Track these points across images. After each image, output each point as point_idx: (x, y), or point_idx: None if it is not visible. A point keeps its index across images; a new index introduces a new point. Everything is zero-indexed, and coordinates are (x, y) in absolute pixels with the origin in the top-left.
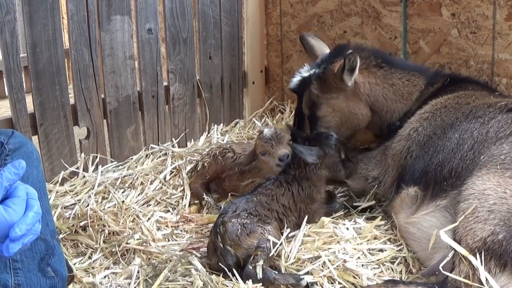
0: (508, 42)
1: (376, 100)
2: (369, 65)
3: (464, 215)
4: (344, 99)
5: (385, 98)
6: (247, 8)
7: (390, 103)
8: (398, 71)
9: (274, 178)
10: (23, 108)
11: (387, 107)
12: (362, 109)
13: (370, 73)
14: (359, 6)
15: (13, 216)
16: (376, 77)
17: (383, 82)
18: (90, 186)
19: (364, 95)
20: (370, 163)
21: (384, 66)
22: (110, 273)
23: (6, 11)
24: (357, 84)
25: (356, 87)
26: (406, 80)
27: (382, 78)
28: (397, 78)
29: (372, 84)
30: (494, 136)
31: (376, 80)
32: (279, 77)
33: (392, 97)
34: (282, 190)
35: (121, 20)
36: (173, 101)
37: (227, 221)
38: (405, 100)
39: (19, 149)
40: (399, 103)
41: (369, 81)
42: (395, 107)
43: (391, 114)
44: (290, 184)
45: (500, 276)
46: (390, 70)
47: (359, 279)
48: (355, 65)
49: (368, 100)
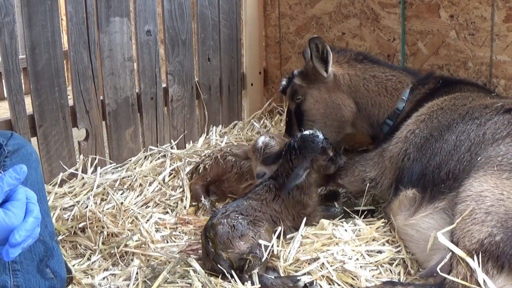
0: (506, 44)
1: (357, 91)
2: (349, 59)
3: (461, 217)
4: (326, 91)
5: (367, 90)
6: (245, 10)
7: (374, 95)
8: (381, 67)
9: (264, 183)
10: (22, 109)
11: (371, 99)
12: (345, 100)
13: (350, 66)
14: (358, 8)
15: (13, 219)
16: (356, 69)
17: (364, 73)
18: (89, 187)
19: (345, 86)
20: (368, 164)
21: (365, 61)
22: (109, 275)
23: (5, 12)
24: (336, 76)
25: (336, 79)
26: (390, 75)
27: (362, 71)
28: (379, 71)
29: (352, 76)
30: (491, 137)
31: (356, 72)
32: (278, 79)
33: (374, 89)
34: (272, 195)
35: (120, 22)
36: (172, 103)
37: (216, 224)
38: (389, 95)
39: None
40: (383, 97)
41: (348, 73)
42: (379, 101)
43: (377, 108)
44: (280, 191)
45: (498, 278)
46: (371, 65)
47: (358, 281)
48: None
49: (350, 91)
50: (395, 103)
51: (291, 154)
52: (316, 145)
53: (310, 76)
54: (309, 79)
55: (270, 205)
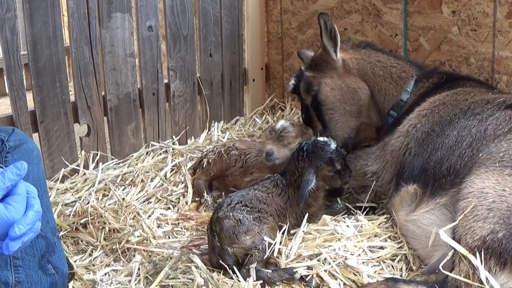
0: (509, 40)
1: (366, 74)
2: (353, 45)
3: (463, 213)
4: (338, 77)
5: (374, 74)
6: (247, 6)
7: (380, 80)
8: (385, 54)
9: (273, 177)
10: (24, 105)
11: (377, 84)
12: (358, 83)
13: (355, 51)
14: (360, 4)
15: (14, 214)
16: (362, 54)
17: (369, 57)
18: (91, 183)
19: (355, 69)
20: (369, 158)
21: (368, 48)
22: (111, 270)
23: (7, 8)
24: (344, 61)
25: (345, 63)
26: (395, 62)
27: (367, 55)
28: (384, 58)
29: (358, 59)
30: (492, 133)
31: (362, 56)
32: (280, 75)
33: (380, 73)
34: (279, 190)
35: (121, 17)
36: (174, 99)
37: (222, 217)
38: (394, 82)
39: (20, 146)
40: (388, 83)
41: (355, 57)
42: (385, 87)
43: (383, 95)
44: (287, 188)
45: (500, 275)
46: (374, 51)
47: (360, 277)
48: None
49: (360, 74)
50: (399, 93)
51: (298, 155)
52: (324, 154)
53: (320, 65)
54: (319, 68)
55: (275, 200)
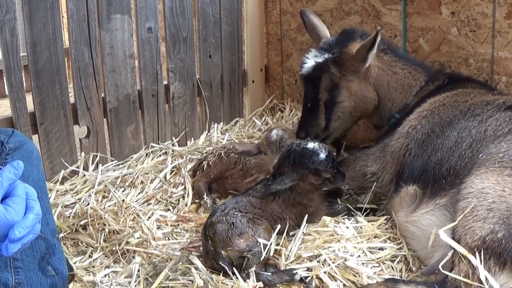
0: (508, 40)
1: (380, 85)
2: (378, 49)
3: (463, 214)
4: (358, 82)
5: (388, 85)
6: (247, 7)
7: (392, 91)
8: (402, 61)
9: (265, 181)
10: (23, 107)
11: (389, 94)
12: (371, 92)
13: (378, 57)
14: (359, 5)
15: (14, 215)
16: (383, 62)
17: (388, 69)
18: (90, 185)
19: (373, 79)
20: (369, 159)
21: (390, 53)
22: (111, 272)
23: (6, 10)
24: (369, 68)
25: (368, 70)
26: (408, 72)
27: (387, 65)
28: (400, 68)
29: (380, 69)
30: (492, 134)
31: (382, 65)
32: (279, 76)
33: (394, 86)
34: (272, 196)
35: (121, 19)
36: (173, 100)
37: (215, 222)
38: (404, 92)
39: (19, 148)
40: (399, 93)
41: (377, 65)
42: (395, 97)
43: (391, 103)
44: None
45: (500, 275)
46: (394, 58)
47: (359, 278)
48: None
49: (375, 84)
50: (407, 99)
51: (284, 160)
52: (310, 164)
53: (347, 67)
54: (345, 69)
55: (270, 204)
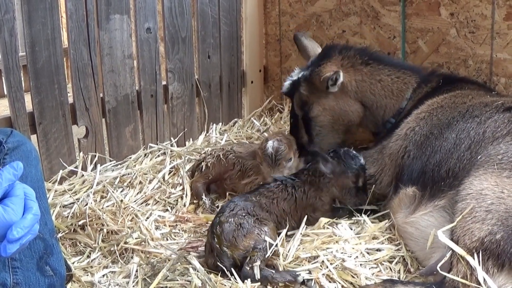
0: (507, 42)
1: (364, 96)
2: (355, 63)
3: (461, 215)
4: (334, 98)
5: (373, 94)
6: (246, 8)
7: (380, 99)
8: (387, 68)
9: (281, 180)
10: (22, 107)
11: (377, 102)
12: (352, 106)
13: (356, 71)
14: (358, 6)
15: (12, 215)
16: (363, 74)
17: (370, 78)
18: (89, 185)
19: (352, 92)
20: (367, 161)
21: (371, 63)
22: (109, 272)
23: (5, 10)
24: (344, 84)
25: (344, 87)
26: (396, 77)
27: (369, 75)
28: (385, 74)
29: (359, 82)
30: (491, 135)
31: (363, 77)
32: (278, 77)
33: (381, 93)
34: (285, 194)
35: (120, 19)
36: (172, 100)
37: (224, 221)
38: (395, 97)
39: (18, 148)
40: (389, 99)
41: (355, 79)
42: (385, 103)
43: (383, 110)
44: (295, 190)
45: (498, 276)
46: (377, 67)
47: (358, 279)
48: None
49: (357, 96)
50: (400, 104)
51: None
52: (353, 164)
53: (317, 86)
54: (316, 87)
55: (279, 205)
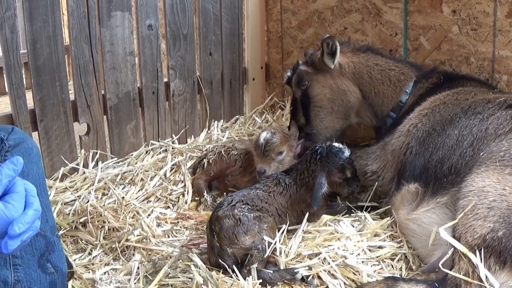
0: (509, 39)
1: (361, 77)
2: (353, 49)
3: (463, 212)
4: (331, 77)
5: (370, 77)
6: (247, 4)
7: (377, 84)
8: (384, 58)
9: (274, 176)
10: (23, 104)
11: (374, 87)
12: (350, 86)
13: (353, 55)
14: (360, 3)
15: (13, 212)
16: (360, 57)
17: (367, 61)
18: (90, 182)
19: (350, 73)
20: (369, 158)
21: (368, 51)
22: (110, 269)
23: (6, 7)
24: (341, 65)
25: (341, 67)
26: (393, 65)
27: (366, 59)
28: (382, 61)
29: (356, 63)
30: (493, 132)
31: (360, 60)
32: (280, 74)
33: (378, 77)
34: (280, 189)
35: (121, 16)
36: (173, 97)
37: (222, 216)
38: (392, 85)
39: (19, 145)
40: (387, 86)
41: (352, 61)
42: (383, 90)
43: (381, 98)
44: (289, 186)
45: (500, 273)
46: (374, 55)
47: (359, 276)
48: (334, 49)
49: (354, 77)
50: (398, 95)
51: (311, 157)
52: (337, 160)
53: (316, 65)
54: (315, 67)
55: (277, 199)
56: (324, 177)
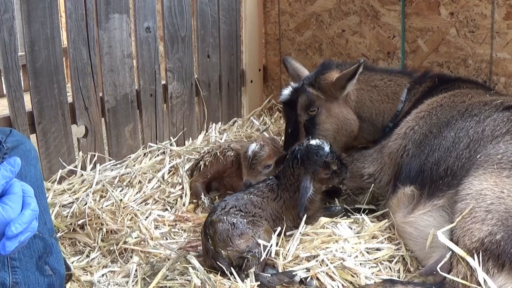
0: (507, 41)
1: (363, 105)
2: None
3: (461, 215)
4: (338, 105)
5: (371, 101)
6: (245, 7)
7: (378, 105)
8: (378, 74)
9: (268, 181)
10: (21, 106)
11: (375, 109)
12: (352, 115)
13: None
14: (358, 5)
15: (10, 213)
16: (360, 82)
17: (366, 85)
18: (88, 184)
19: (353, 102)
20: (366, 160)
21: (364, 71)
22: (108, 272)
23: (4, 9)
24: (347, 94)
25: (347, 95)
26: (388, 80)
27: (365, 82)
28: (379, 80)
29: (358, 90)
30: (490, 134)
31: (360, 85)
32: (277, 76)
33: (378, 98)
34: (274, 195)
35: (119, 18)
36: (171, 100)
37: (216, 221)
38: (391, 100)
39: (17, 147)
40: (386, 104)
41: (356, 88)
42: (383, 108)
43: (382, 116)
44: (282, 192)
45: (498, 277)
46: (370, 73)
47: (357, 278)
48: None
49: (356, 106)
50: (396, 107)
51: (293, 162)
52: (319, 159)
53: (325, 90)
54: (324, 92)
55: (270, 204)
56: (308, 180)
